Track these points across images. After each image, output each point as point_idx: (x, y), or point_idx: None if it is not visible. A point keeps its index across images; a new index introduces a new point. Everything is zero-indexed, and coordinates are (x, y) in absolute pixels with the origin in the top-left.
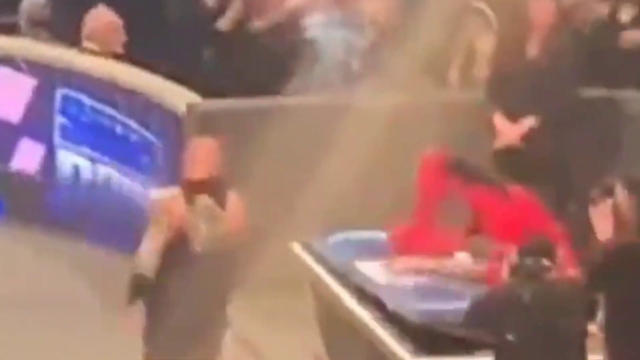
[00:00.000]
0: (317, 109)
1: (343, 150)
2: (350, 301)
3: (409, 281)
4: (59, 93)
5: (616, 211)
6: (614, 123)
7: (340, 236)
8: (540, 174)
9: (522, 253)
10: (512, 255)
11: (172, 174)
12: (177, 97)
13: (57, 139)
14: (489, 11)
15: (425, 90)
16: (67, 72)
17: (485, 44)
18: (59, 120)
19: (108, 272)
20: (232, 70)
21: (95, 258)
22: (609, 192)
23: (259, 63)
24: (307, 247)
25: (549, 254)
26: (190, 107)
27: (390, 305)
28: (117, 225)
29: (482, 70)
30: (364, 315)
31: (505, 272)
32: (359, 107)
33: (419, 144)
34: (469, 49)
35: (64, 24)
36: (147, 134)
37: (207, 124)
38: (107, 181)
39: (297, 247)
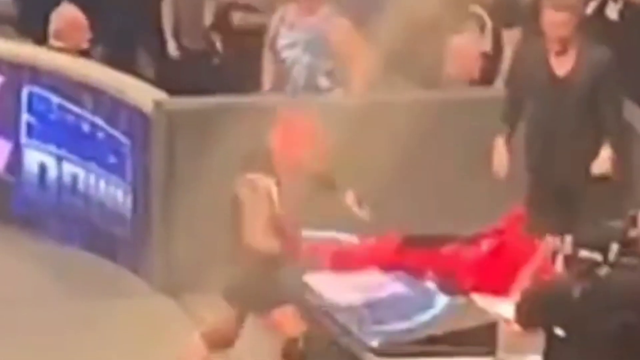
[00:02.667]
0: (277, 106)
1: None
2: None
3: (359, 299)
4: (26, 91)
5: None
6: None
7: None
8: None
9: (577, 245)
10: (567, 246)
11: (139, 172)
12: (145, 94)
13: (23, 137)
14: (485, 16)
15: (394, 88)
16: (34, 70)
17: (466, 44)
18: (26, 118)
19: (73, 269)
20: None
21: (61, 256)
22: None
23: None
24: None
25: (604, 249)
26: (157, 104)
27: (352, 329)
28: (83, 223)
29: (455, 69)
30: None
31: (559, 265)
32: (324, 105)
33: (384, 143)
34: (450, 49)
35: (30, 21)
36: (115, 132)
37: (175, 121)
38: (74, 180)
39: None
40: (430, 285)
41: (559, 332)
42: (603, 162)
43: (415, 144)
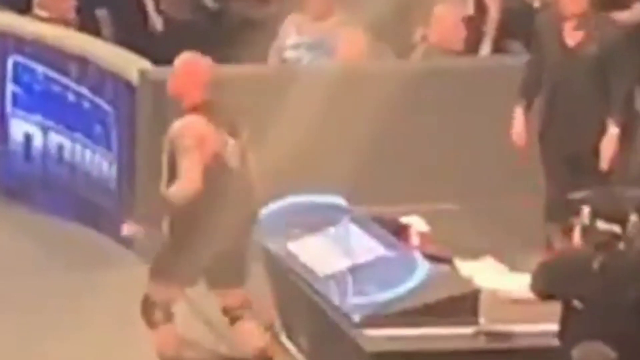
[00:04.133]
0: (270, 75)
1: (294, 115)
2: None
3: (344, 265)
4: (11, 60)
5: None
6: None
7: (269, 209)
8: None
9: (595, 216)
10: (584, 217)
11: (124, 142)
12: (130, 64)
13: (8, 107)
14: None
15: (382, 57)
16: (19, 40)
17: (446, 12)
18: (11, 88)
19: (59, 240)
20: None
21: (47, 227)
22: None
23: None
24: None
25: (621, 221)
26: (142, 74)
27: (334, 300)
28: (68, 193)
29: (438, 40)
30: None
31: (576, 236)
32: (310, 72)
33: (373, 111)
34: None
35: None
36: (100, 102)
37: (160, 91)
38: (60, 150)
39: None
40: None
41: (576, 303)
42: (610, 140)
43: (397, 115)
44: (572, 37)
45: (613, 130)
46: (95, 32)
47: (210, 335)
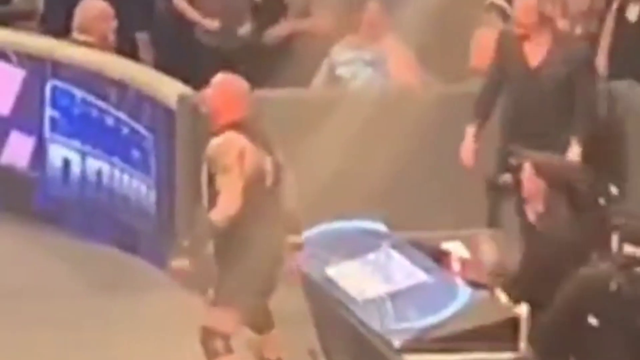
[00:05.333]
0: (308, 100)
1: (328, 141)
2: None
3: (383, 290)
4: (49, 85)
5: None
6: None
7: (308, 234)
8: None
9: (623, 240)
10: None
11: (163, 167)
12: (169, 88)
13: (47, 132)
14: (507, 6)
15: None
16: (58, 64)
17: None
18: (49, 113)
19: (97, 264)
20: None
21: (85, 251)
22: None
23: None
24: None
25: None
26: (182, 98)
27: (374, 326)
28: (107, 218)
29: (481, 63)
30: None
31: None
32: (346, 97)
33: (407, 135)
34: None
35: (54, 15)
36: (138, 127)
37: (199, 115)
38: (98, 174)
39: None
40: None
41: (592, 321)
42: (573, 158)
43: (440, 140)
44: (534, 57)
45: (576, 149)
46: (133, 56)
47: None
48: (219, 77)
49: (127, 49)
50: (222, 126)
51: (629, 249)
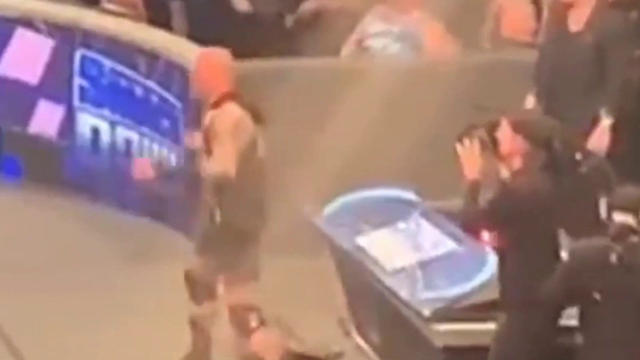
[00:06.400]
0: (334, 70)
1: (357, 111)
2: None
3: (413, 259)
4: (78, 54)
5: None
6: None
7: (339, 203)
8: None
9: (612, 207)
10: (602, 209)
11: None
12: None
13: (76, 101)
14: None
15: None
16: (87, 33)
17: (513, 7)
18: (78, 82)
19: (127, 233)
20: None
21: (115, 220)
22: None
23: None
24: (315, 211)
25: (635, 211)
26: None
27: (403, 295)
28: (136, 188)
29: (508, 32)
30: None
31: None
32: (374, 68)
33: (434, 105)
34: (498, 10)
35: None
36: (168, 96)
37: None
38: (127, 144)
39: (306, 209)
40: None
41: (596, 296)
42: (602, 131)
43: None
44: (575, 23)
45: (605, 122)
46: (167, 25)
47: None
48: (202, 54)
49: (161, 18)
50: (217, 100)
51: (619, 217)
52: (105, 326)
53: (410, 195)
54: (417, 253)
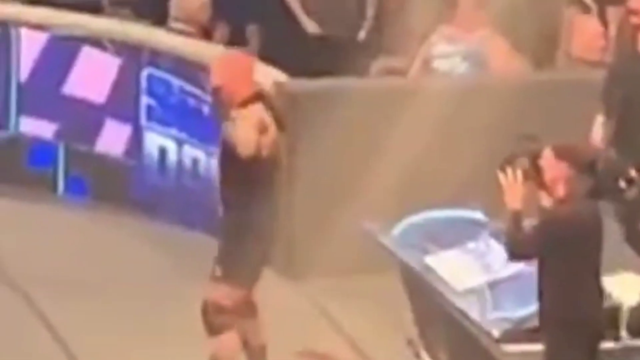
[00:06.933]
0: (396, 90)
1: (420, 129)
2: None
3: (483, 280)
4: (145, 73)
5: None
6: None
7: (407, 223)
8: None
9: None
10: None
11: None
12: (265, 76)
13: (143, 120)
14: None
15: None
16: (154, 52)
17: (584, 25)
18: (145, 101)
19: (193, 253)
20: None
21: (181, 240)
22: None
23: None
24: (381, 229)
25: None
26: (277, 86)
27: (473, 316)
28: (203, 207)
29: (579, 51)
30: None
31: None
32: (433, 88)
33: (491, 124)
34: (567, 30)
35: (149, 2)
36: None
37: (295, 103)
38: (194, 163)
39: (370, 227)
40: None
41: None
42: None
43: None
44: None
45: None
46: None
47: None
48: (225, 56)
49: (237, 40)
50: (242, 102)
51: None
52: (167, 342)
53: (478, 215)
54: (487, 274)
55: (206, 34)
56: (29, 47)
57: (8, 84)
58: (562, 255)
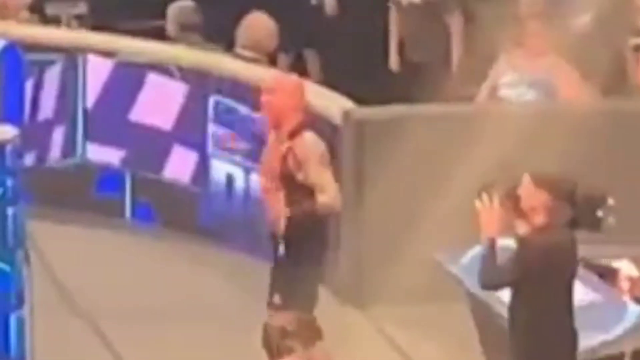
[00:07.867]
0: (465, 116)
1: (486, 156)
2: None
3: None
4: (212, 100)
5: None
6: None
7: (476, 251)
8: None
9: None
10: None
11: None
12: (333, 104)
13: (209, 147)
14: None
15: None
16: (220, 79)
17: None
18: (212, 128)
19: (261, 281)
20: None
21: (249, 268)
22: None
23: None
24: (450, 258)
25: None
26: (346, 114)
27: None
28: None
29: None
30: None
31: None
32: (500, 114)
33: (563, 151)
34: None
35: (217, 29)
36: None
37: (363, 131)
38: None
39: (439, 256)
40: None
41: None
42: None
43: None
44: None
45: None
46: (302, 73)
47: None
48: (281, 80)
49: (298, 67)
50: (294, 129)
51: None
52: None
53: None
54: None
55: (273, 61)
56: (96, 73)
57: (75, 111)
58: (536, 285)
